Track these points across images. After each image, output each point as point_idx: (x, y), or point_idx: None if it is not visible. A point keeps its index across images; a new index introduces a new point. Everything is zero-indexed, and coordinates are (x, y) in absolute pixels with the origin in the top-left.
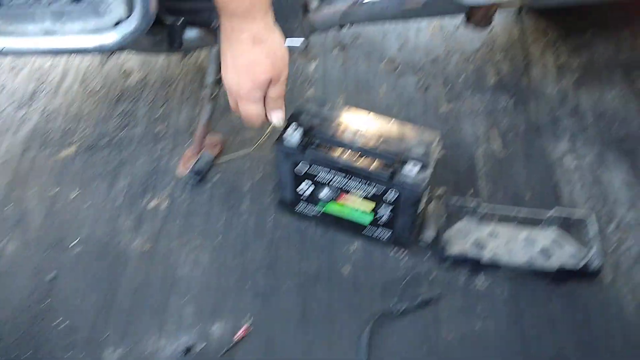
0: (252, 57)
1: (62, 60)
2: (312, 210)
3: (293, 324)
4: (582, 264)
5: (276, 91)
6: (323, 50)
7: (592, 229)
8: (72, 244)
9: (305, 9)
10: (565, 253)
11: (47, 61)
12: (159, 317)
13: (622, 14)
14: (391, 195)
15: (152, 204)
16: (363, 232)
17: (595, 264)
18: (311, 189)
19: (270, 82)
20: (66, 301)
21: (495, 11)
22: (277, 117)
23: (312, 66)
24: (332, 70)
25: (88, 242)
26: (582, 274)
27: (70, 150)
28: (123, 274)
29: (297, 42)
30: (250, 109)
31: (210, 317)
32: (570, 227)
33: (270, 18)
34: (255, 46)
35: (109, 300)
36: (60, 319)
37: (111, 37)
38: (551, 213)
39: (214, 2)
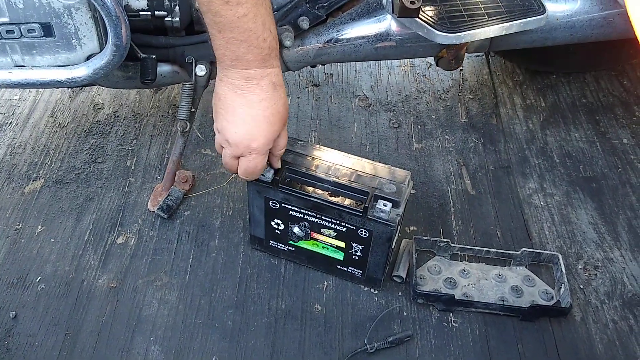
0: (273, 104)
1: (32, 93)
2: (284, 247)
3: None
4: (553, 301)
5: (284, 141)
6: (296, 87)
7: (561, 267)
8: (35, 281)
9: (279, 48)
10: (535, 291)
11: (16, 94)
12: (123, 358)
13: (585, 59)
14: (363, 233)
15: (120, 240)
16: (336, 269)
17: (566, 302)
18: (283, 225)
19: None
20: (25, 342)
21: (464, 55)
22: (277, 166)
23: None
24: (305, 108)
25: (52, 280)
26: (553, 312)
27: (37, 184)
28: (87, 313)
29: None
30: (257, 162)
31: (176, 358)
32: (540, 265)
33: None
34: (275, 93)
35: (71, 341)
36: None
37: (82, 71)
38: (521, 252)
39: (215, 55)
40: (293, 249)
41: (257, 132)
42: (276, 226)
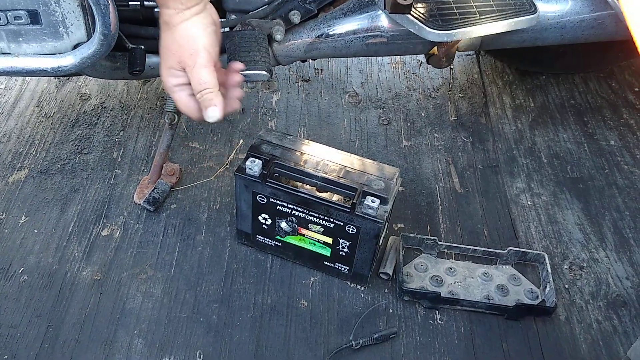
0: (162, 43)
1: (18, 82)
2: (271, 241)
3: (247, 359)
4: (538, 301)
5: (195, 80)
6: (286, 82)
7: (547, 267)
8: (18, 272)
9: (270, 41)
10: (521, 290)
11: (2, 82)
12: (106, 351)
13: (574, 60)
14: (351, 229)
15: (105, 232)
16: (322, 265)
17: (551, 301)
18: (270, 220)
19: (186, 69)
20: (7, 334)
21: (454, 53)
22: (211, 113)
23: (275, 98)
24: (295, 103)
25: (35, 271)
26: (538, 311)
27: (21, 174)
28: (70, 305)
29: (260, 73)
30: (175, 99)
31: (160, 352)
32: (526, 265)
33: (188, 6)
34: (166, 31)
35: (53, 333)
36: None
37: (69, 60)
38: (507, 251)
39: None
40: (280, 244)
41: (160, 66)
42: (263, 221)
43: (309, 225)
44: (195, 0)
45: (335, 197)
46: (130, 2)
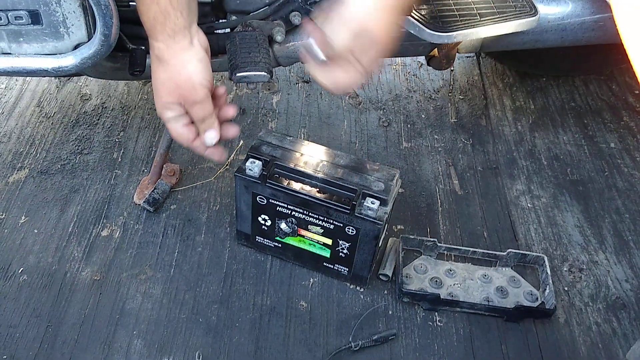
0: (156, 76)
1: (19, 82)
2: (271, 242)
3: None
4: (537, 303)
5: (196, 113)
6: (287, 83)
7: (546, 269)
8: (17, 272)
9: (270, 42)
10: (520, 292)
11: (2, 82)
12: (105, 351)
13: (575, 63)
14: (350, 231)
15: (104, 233)
16: (322, 266)
17: (550, 303)
18: (270, 221)
19: (185, 105)
20: (6, 333)
21: (455, 55)
22: (208, 137)
23: (276, 99)
24: (295, 104)
25: (34, 271)
26: (537, 313)
27: (21, 174)
28: (69, 305)
29: (261, 74)
30: (170, 128)
31: (159, 353)
32: (525, 267)
33: (177, 43)
34: (159, 66)
35: (52, 333)
36: None
37: (69, 60)
38: (506, 253)
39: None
40: (279, 245)
41: (155, 99)
42: (263, 222)
43: (309, 226)
44: (182, 33)
45: (335, 199)
46: (131, 3)
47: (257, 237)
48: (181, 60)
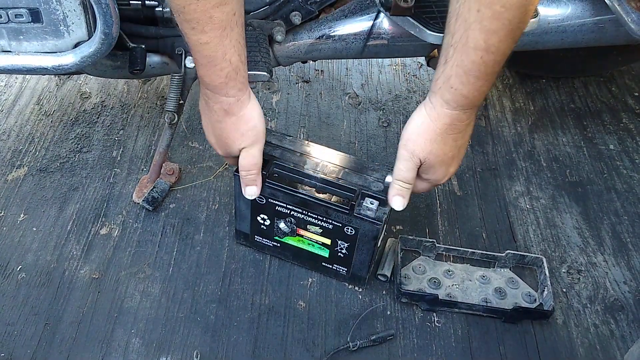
0: (223, 126)
1: (18, 79)
2: (269, 242)
3: (244, 359)
4: (535, 304)
5: (246, 160)
6: (287, 83)
7: (545, 271)
8: (15, 270)
9: (270, 42)
10: (519, 293)
11: (2, 80)
12: (103, 349)
13: (575, 64)
14: (349, 231)
15: (103, 231)
16: (320, 266)
17: (548, 304)
18: (269, 220)
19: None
20: (4, 331)
21: None
22: (249, 191)
23: (275, 99)
24: (295, 104)
25: (32, 269)
26: (536, 315)
27: (20, 172)
28: (68, 303)
29: (261, 74)
30: (233, 163)
31: (157, 351)
32: (524, 268)
33: (244, 94)
34: (226, 117)
35: (50, 331)
36: None
37: (69, 59)
38: (505, 254)
39: (178, 30)
40: (278, 244)
41: (217, 144)
42: (262, 221)
43: (308, 226)
44: (247, 83)
45: (334, 199)
46: (131, 2)
47: (256, 236)
48: (249, 112)
